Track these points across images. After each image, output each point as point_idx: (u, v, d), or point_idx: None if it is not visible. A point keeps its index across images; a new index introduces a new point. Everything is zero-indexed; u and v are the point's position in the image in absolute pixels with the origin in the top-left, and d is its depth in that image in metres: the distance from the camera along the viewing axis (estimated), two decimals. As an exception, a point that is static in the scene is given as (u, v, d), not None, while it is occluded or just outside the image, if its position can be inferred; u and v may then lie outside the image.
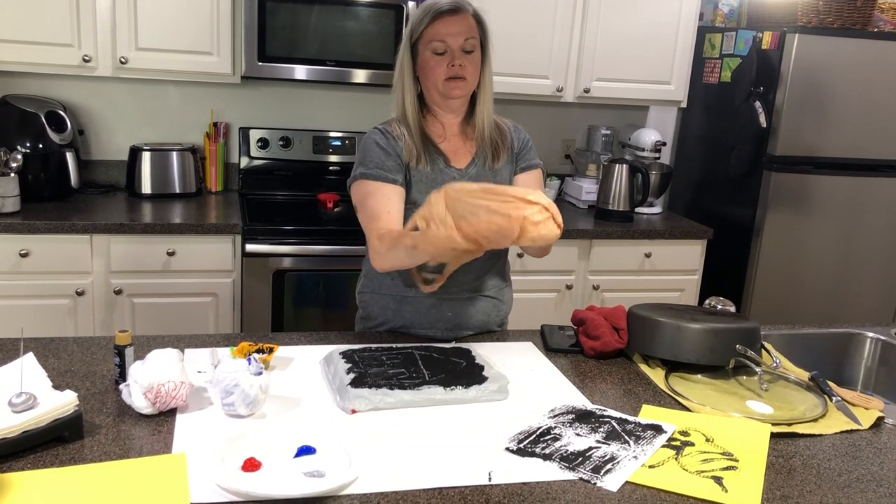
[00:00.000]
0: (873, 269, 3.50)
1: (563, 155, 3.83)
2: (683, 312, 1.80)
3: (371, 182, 1.80)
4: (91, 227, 2.74)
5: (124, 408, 1.41)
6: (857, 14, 3.25)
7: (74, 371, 1.55)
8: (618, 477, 1.28)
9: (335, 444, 1.31)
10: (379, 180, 1.80)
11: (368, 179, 1.81)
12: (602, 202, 3.39)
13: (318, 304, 2.99)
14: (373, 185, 1.80)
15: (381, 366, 1.60)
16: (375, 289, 1.95)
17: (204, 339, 1.76)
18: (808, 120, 3.25)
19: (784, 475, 1.33)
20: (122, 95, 3.31)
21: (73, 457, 1.25)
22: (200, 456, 1.26)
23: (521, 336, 1.93)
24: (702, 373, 1.74)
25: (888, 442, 1.48)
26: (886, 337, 2.07)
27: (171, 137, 3.38)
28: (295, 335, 1.84)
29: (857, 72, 3.24)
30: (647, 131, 3.63)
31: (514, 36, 3.24)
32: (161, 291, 2.85)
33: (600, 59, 3.37)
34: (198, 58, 3.02)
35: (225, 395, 1.40)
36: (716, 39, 3.58)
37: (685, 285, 3.37)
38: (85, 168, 3.27)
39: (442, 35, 1.78)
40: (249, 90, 3.41)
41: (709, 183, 3.70)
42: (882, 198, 3.43)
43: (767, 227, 3.33)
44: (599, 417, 1.49)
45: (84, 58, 2.91)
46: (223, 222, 2.87)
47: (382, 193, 1.80)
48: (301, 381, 1.59)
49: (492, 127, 1.91)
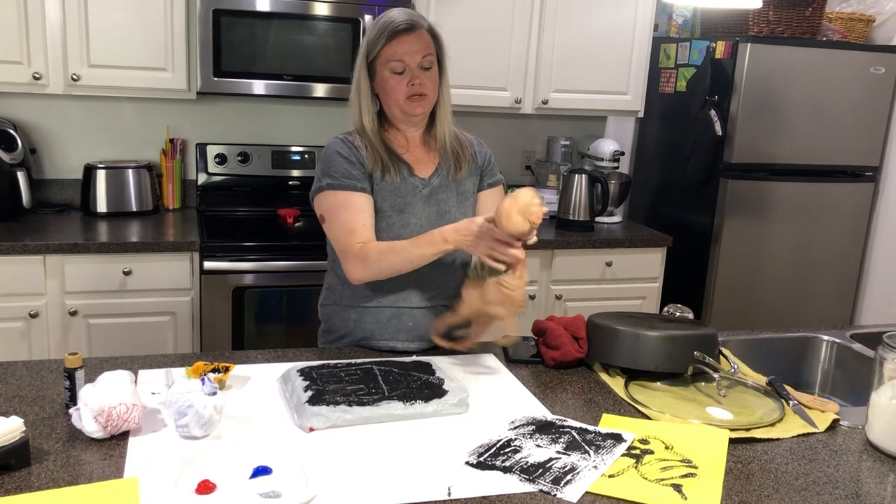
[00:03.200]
0: (829, 273, 3.56)
1: (523, 166, 3.84)
2: (642, 321, 1.81)
3: (340, 192, 1.79)
4: (44, 247, 2.68)
5: (74, 432, 1.37)
6: (806, 24, 3.32)
7: (23, 396, 1.51)
8: (578, 488, 1.28)
9: (292, 464, 1.29)
10: (348, 190, 1.79)
11: (337, 190, 1.80)
12: (563, 212, 3.41)
13: (280, 320, 2.95)
14: (342, 196, 1.79)
15: (340, 382, 1.58)
16: (337, 300, 1.94)
17: (159, 360, 1.73)
18: (763, 127, 3.31)
19: (743, 480, 1.34)
20: (74, 113, 3.25)
21: (20, 485, 1.21)
22: (153, 479, 1.23)
23: (483, 347, 1.92)
24: (661, 380, 1.75)
25: (843, 444, 1.50)
26: (842, 340, 2.10)
27: (127, 155, 3.33)
28: (252, 353, 1.81)
29: (808, 80, 3.30)
30: (606, 141, 3.67)
31: (471, 48, 3.25)
32: (118, 311, 2.80)
33: (558, 71, 3.39)
34: (152, 74, 2.98)
35: (179, 417, 1.37)
36: (670, 50, 3.63)
37: (646, 293, 3.40)
38: (38, 187, 3.20)
39: (400, 55, 1.78)
40: (206, 106, 3.37)
41: (667, 191, 3.75)
42: (836, 203, 3.49)
43: (725, 233, 3.38)
44: (560, 428, 1.48)
45: (34, 75, 2.85)
46: (181, 240, 2.83)
47: (354, 206, 1.79)
48: (258, 400, 1.56)
49: (453, 138, 1.93)
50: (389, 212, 1.84)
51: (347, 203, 1.79)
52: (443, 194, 1.89)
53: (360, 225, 1.78)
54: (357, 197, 1.80)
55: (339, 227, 1.80)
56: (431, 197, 1.88)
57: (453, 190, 1.91)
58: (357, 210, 1.79)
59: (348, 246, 1.78)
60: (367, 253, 1.76)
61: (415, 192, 1.86)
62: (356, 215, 1.79)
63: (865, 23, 3.49)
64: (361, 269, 1.78)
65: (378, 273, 1.79)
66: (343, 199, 1.79)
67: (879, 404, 1.49)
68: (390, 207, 1.84)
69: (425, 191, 1.87)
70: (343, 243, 1.79)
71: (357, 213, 1.79)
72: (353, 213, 1.79)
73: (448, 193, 1.90)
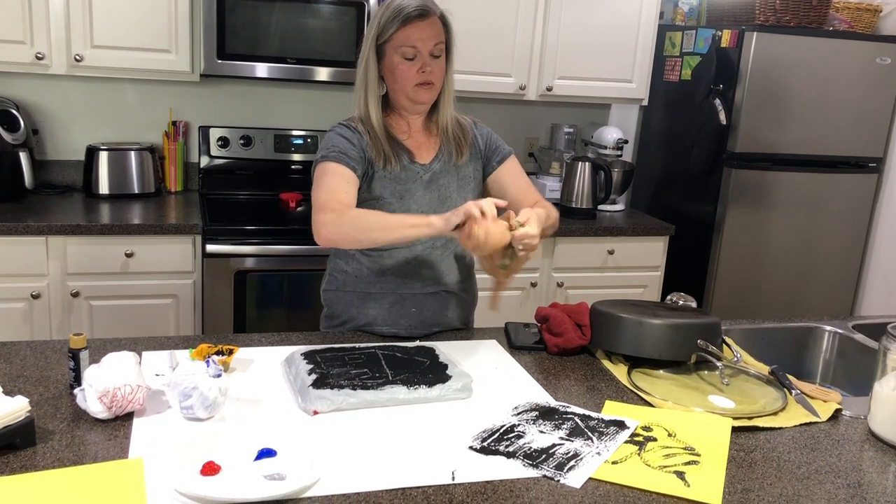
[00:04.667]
0: (831, 263, 3.56)
1: (526, 153, 3.83)
2: (645, 309, 1.81)
3: (331, 163, 1.78)
4: (46, 228, 2.68)
5: (79, 413, 1.37)
6: (812, 13, 3.30)
7: (27, 376, 1.51)
8: (581, 474, 1.28)
9: (296, 447, 1.29)
10: (339, 163, 1.78)
11: (329, 161, 1.79)
12: (565, 200, 3.41)
13: (282, 304, 2.95)
14: (331, 166, 1.78)
15: (344, 366, 1.59)
16: (340, 286, 1.94)
17: (162, 342, 1.73)
18: (767, 117, 3.30)
19: (745, 468, 1.34)
20: (77, 94, 3.24)
21: (25, 464, 1.21)
22: (158, 460, 1.23)
23: (486, 334, 1.93)
24: (664, 368, 1.75)
25: (845, 434, 1.51)
26: (844, 330, 2.10)
27: (129, 137, 3.32)
28: (256, 336, 1.81)
29: (814, 69, 3.29)
30: (610, 129, 3.65)
31: (476, 34, 3.24)
32: (120, 294, 2.80)
33: (562, 57, 3.38)
34: (155, 55, 2.96)
35: (183, 399, 1.37)
36: (676, 38, 3.61)
37: (648, 282, 3.40)
38: (40, 168, 3.19)
39: (413, 41, 1.76)
40: (209, 88, 3.36)
41: (670, 180, 3.74)
42: (839, 193, 3.49)
43: (728, 223, 3.37)
44: (563, 414, 1.48)
45: (37, 55, 2.84)
46: (183, 223, 2.82)
47: (340, 174, 1.77)
48: (262, 383, 1.56)
49: (454, 124, 1.92)
50: (390, 199, 1.83)
51: (334, 171, 1.77)
52: (443, 180, 1.89)
53: (341, 190, 1.74)
54: (345, 170, 1.77)
55: (321, 188, 1.75)
56: (432, 183, 1.87)
57: (454, 176, 1.90)
58: (342, 179, 1.76)
59: (326, 202, 1.72)
60: (342, 209, 1.70)
61: (415, 178, 1.85)
62: (340, 183, 1.76)
63: (872, 13, 3.48)
64: (333, 222, 1.68)
65: (350, 230, 1.68)
66: (331, 168, 1.77)
67: (882, 394, 1.49)
68: (391, 195, 1.83)
69: (426, 176, 1.87)
70: (321, 200, 1.73)
71: (342, 181, 1.76)
72: (338, 180, 1.76)
73: (449, 179, 1.89)
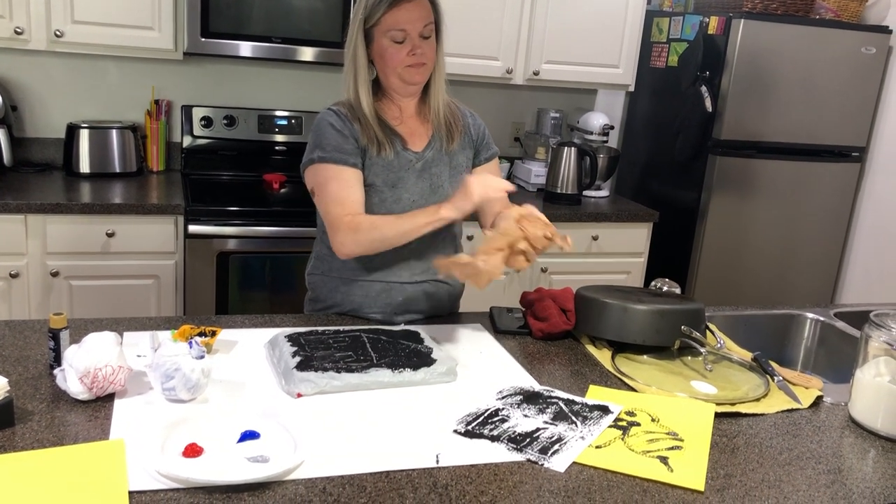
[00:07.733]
0: (814, 251, 3.59)
1: (512, 138, 3.82)
2: (630, 294, 1.81)
3: (331, 166, 1.77)
4: (25, 206, 2.64)
5: (59, 393, 1.36)
6: (799, 1, 3.31)
7: (6, 356, 1.49)
8: (565, 458, 1.28)
9: (280, 429, 1.28)
10: (339, 164, 1.77)
11: (327, 163, 1.77)
12: (551, 185, 3.40)
13: (265, 286, 2.93)
14: (332, 170, 1.77)
15: (328, 349, 1.58)
16: (325, 271, 1.92)
17: (144, 323, 1.71)
18: (753, 105, 3.31)
19: (728, 454, 1.35)
20: (57, 70, 3.18)
21: (4, 445, 1.19)
22: (139, 442, 1.22)
23: (471, 318, 1.92)
24: (648, 353, 1.76)
25: (826, 420, 1.52)
26: (825, 318, 2.12)
27: (111, 115, 3.27)
28: (239, 318, 1.80)
29: (799, 58, 3.30)
30: (596, 115, 3.65)
31: (464, 17, 3.21)
32: (100, 274, 2.77)
33: (550, 42, 3.36)
34: (138, 32, 2.92)
35: (165, 380, 1.35)
36: (663, 24, 3.61)
37: (632, 268, 3.41)
38: (19, 146, 3.14)
39: (402, 23, 1.74)
40: (192, 67, 3.32)
41: (655, 166, 3.74)
42: (822, 182, 3.51)
43: (712, 210, 3.38)
44: (547, 398, 1.49)
45: (16, 30, 2.78)
46: (165, 203, 2.79)
47: (343, 178, 1.77)
48: (245, 364, 1.55)
49: (446, 108, 1.90)
50: (382, 187, 1.81)
51: (337, 176, 1.77)
52: (436, 168, 1.87)
53: (349, 199, 1.76)
54: (347, 171, 1.77)
55: (329, 199, 1.77)
56: (424, 171, 1.86)
57: (446, 164, 1.89)
58: (346, 184, 1.77)
59: (338, 218, 1.75)
60: (358, 224, 1.74)
61: (408, 166, 1.84)
62: (346, 189, 1.77)
63: (858, 2, 3.48)
64: (351, 242, 1.75)
65: (369, 245, 1.76)
66: (333, 173, 1.77)
67: (863, 381, 1.50)
68: (383, 182, 1.81)
69: (418, 165, 1.85)
70: (332, 215, 1.77)
71: (346, 187, 1.77)
72: (343, 187, 1.77)
73: (441, 167, 1.88)
